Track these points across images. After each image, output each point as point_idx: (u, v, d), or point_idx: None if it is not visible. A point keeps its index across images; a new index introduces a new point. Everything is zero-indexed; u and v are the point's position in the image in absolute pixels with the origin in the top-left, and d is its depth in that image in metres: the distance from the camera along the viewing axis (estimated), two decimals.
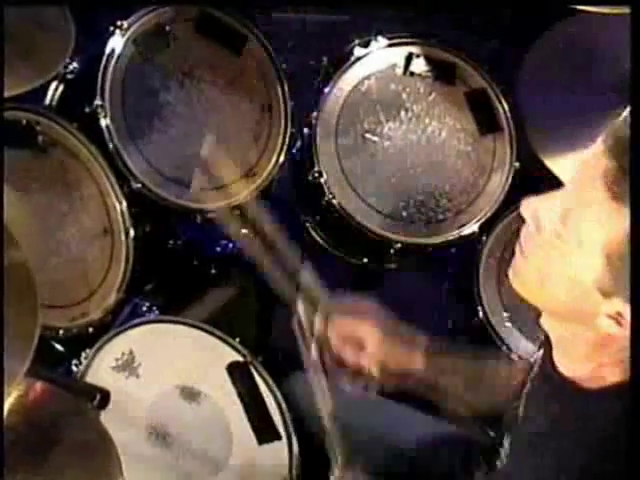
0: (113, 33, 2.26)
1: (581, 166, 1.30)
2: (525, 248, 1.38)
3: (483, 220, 2.44)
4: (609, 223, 1.24)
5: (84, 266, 2.12)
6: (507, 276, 1.45)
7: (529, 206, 1.36)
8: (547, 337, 1.50)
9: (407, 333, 1.87)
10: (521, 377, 1.66)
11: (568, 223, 1.29)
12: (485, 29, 2.82)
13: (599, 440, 1.35)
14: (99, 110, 2.19)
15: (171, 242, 2.44)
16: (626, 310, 1.27)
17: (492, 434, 1.81)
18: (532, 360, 1.64)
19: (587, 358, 1.39)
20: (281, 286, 1.97)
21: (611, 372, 1.37)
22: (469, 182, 2.47)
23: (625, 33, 1.48)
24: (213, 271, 2.48)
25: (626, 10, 1.89)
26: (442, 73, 2.49)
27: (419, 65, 2.49)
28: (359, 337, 1.84)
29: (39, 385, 1.71)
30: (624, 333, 1.29)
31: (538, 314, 1.48)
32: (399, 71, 2.48)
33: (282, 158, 2.39)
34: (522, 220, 1.38)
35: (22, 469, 1.64)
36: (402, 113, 2.47)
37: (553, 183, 2.29)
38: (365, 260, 2.59)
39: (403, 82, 2.48)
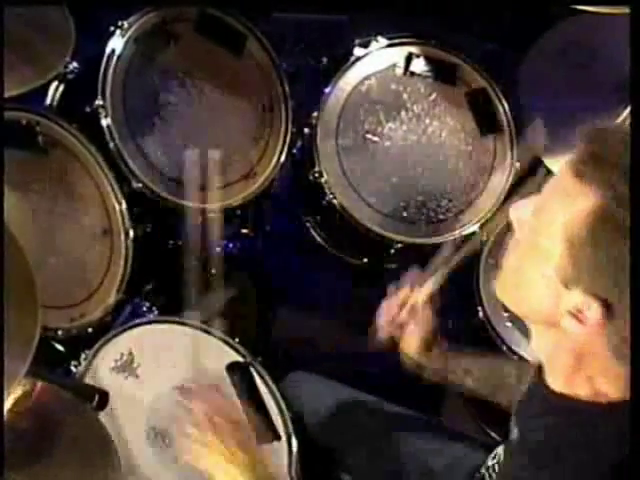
0: (113, 33, 2.27)
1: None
2: (504, 257, 1.38)
3: (483, 220, 2.44)
4: (570, 203, 1.23)
5: (84, 266, 2.13)
6: None
7: (515, 209, 1.36)
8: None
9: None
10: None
11: (539, 214, 1.29)
12: (485, 30, 2.81)
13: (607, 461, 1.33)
14: (100, 110, 2.20)
15: (171, 242, 2.44)
16: (586, 306, 1.25)
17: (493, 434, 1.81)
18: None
19: (571, 369, 1.36)
20: None
21: (609, 386, 1.34)
22: (469, 182, 2.47)
23: (625, 33, 1.48)
24: (213, 271, 2.48)
25: (626, 10, 1.89)
26: (442, 73, 2.49)
27: (419, 65, 2.49)
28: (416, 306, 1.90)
29: (39, 384, 1.71)
30: (587, 332, 1.27)
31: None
32: (399, 71, 2.48)
33: (283, 158, 2.39)
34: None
35: (22, 468, 1.64)
36: (402, 113, 2.47)
37: None
38: (365, 260, 2.60)
39: (403, 82, 2.48)
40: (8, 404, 1.63)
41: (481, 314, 2.36)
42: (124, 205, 2.20)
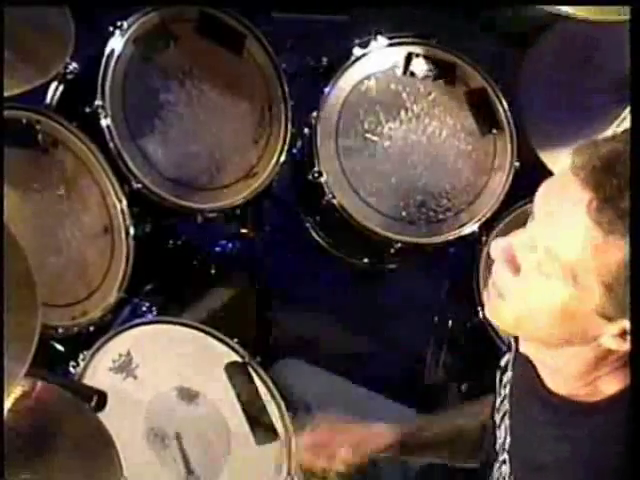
0: (113, 33, 2.26)
1: (550, 198, 1.25)
2: (504, 291, 1.32)
3: (483, 220, 2.43)
4: (603, 256, 1.19)
5: (84, 265, 2.13)
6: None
7: (500, 247, 1.30)
8: (527, 359, 1.45)
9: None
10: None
11: (555, 261, 1.23)
12: (485, 29, 2.81)
13: (611, 457, 1.32)
14: (100, 110, 2.19)
15: (171, 242, 2.45)
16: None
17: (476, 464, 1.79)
18: (504, 380, 1.61)
19: (584, 374, 1.35)
20: None
21: (608, 383, 1.35)
22: (469, 182, 2.47)
23: (625, 33, 1.48)
24: (213, 271, 2.48)
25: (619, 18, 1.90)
26: (442, 73, 2.49)
27: (419, 65, 2.49)
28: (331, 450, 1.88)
29: (39, 384, 1.71)
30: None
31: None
32: (399, 71, 2.48)
33: (282, 158, 2.39)
34: (492, 259, 1.33)
35: (22, 468, 1.65)
36: (402, 113, 2.47)
37: None
38: (365, 260, 2.59)
39: (403, 82, 2.48)
40: (7, 404, 1.63)
41: (481, 314, 2.36)
42: (124, 203, 2.20)
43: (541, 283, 1.26)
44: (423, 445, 1.87)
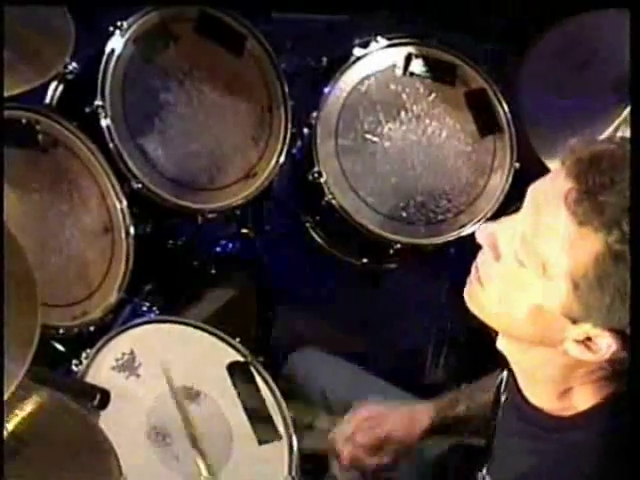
0: (113, 33, 2.26)
1: (538, 189, 1.27)
2: (483, 277, 1.34)
3: (483, 221, 2.44)
4: (574, 248, 1.19)
5: (84, 265, 2.13)
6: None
7: (485, 232, 1.33)
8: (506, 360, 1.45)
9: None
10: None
11: (528, 248, 1.24)
12: (485, 29, 2.82)
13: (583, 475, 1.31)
14: (99, 110, 2.20)
15: (171, 242, 2.45)
16: (596, 334, 1.23)
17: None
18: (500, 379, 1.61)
19: (556, 383, 1.34)
20: None
21: (581, 397, 1.34)
22: (469, 182, 2.47)
23: (625, 33, 1.49)
24: (213, 271, 2.48)
25: None
26: (442, 73, 2.49)
27: (419, 65, 2.49)
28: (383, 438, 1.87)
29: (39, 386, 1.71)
30: (595, 358, 1.25)
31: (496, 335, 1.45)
32: (399, 71, 2.48)
33: (282, 158, 2.39)
34: (479, 246, 1.34)
35: (22, 469, 1.64)
36: (402, 113, 2.47)
37: None
38: (365, 260, 2.59)
39: (403, 82, 2.48)
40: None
41: None
42: (124, 203, 2.20)
43: (516, 271, 1.27)
44: (457, 421, 1.87)
